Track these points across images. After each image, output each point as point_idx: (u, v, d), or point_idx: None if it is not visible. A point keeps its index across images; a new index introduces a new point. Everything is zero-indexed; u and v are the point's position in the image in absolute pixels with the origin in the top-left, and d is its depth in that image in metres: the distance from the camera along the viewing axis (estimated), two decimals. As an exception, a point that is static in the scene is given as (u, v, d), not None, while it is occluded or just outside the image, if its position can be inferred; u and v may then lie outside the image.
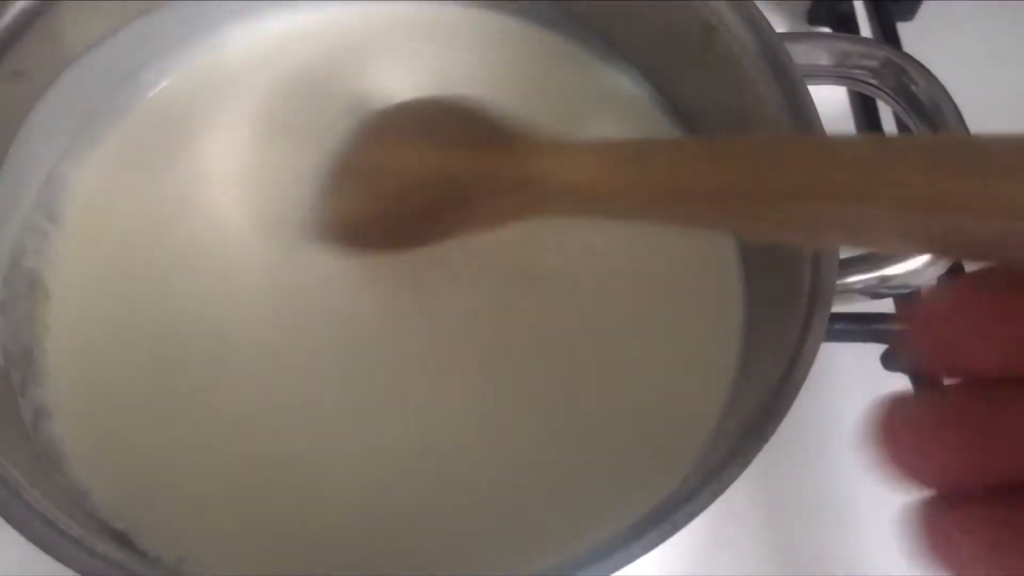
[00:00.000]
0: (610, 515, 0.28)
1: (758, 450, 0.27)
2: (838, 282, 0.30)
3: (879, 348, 0.41)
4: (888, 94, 0.33)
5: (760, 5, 0.47)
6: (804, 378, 0.28)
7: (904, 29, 0.48)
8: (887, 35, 0.48)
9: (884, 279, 0.31)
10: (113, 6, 0.36)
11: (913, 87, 0.33)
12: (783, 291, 0.31)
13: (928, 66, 0.35)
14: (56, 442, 0.33)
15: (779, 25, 0.48)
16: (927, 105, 0.33)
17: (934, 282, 0.32)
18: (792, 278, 0.30)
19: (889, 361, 0.41)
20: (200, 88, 0.39)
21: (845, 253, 0.31)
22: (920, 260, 0.31)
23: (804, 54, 0.34)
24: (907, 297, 0.36)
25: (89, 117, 0.37)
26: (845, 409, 0.40)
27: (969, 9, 0.51)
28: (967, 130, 0.33)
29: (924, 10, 0.50)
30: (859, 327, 0.39)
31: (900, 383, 0.40)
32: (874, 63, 0.33)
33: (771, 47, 0.33)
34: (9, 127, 0.34)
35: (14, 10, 0.33)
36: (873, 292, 0.31)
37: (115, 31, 0.36)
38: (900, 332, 0.27)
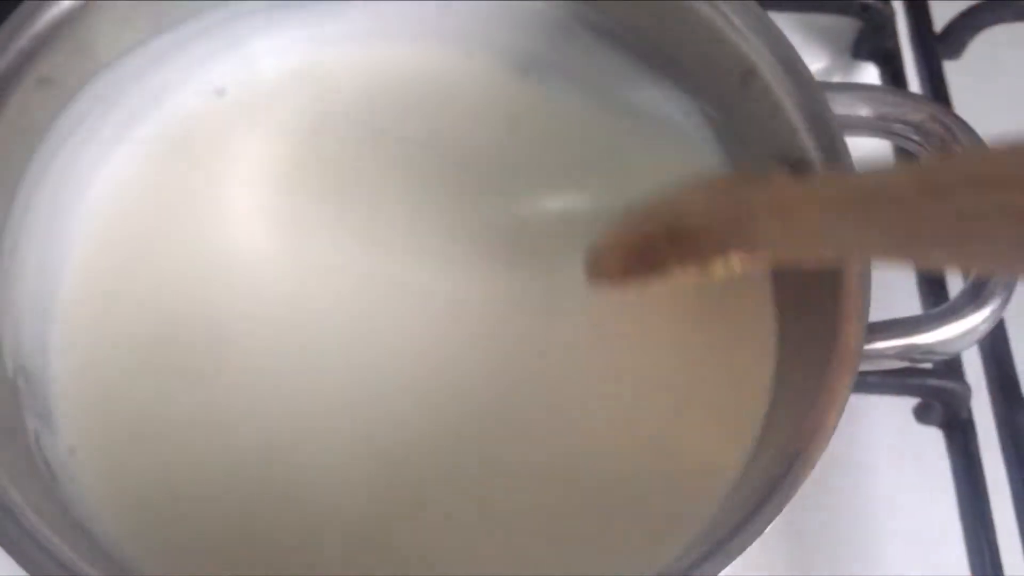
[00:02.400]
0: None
1: (766, 525, 0.26)
2: (867, 347, 0.29)
3: (913, 401, 0.40)
4: (931, 152, 0.32)
5: (804, 39, 0.47)
6: (821, 450, 0.27)
7: (951, 68, 0.47)
8: (932, 73, 0.47)
9: (913, 347, 0.30)
10: (143, 18, 0.35)
11: (957, 147, 0.32)
12: (811, 355, 0.30)
13: (975, 107, 0.34)
14: (60, 459, 0.33)
15: (822, 59, 0.48)
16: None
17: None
18: (822, 342, 0.29)
19: (922, 415, 0.40)
20: (227, 103, 0.39)
21: (875, 317, 0.30)
22: (953, 329, 0.30)
23: (844, 105, 0.33)
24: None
25: (115, 127, 0.37)
26: (876, 461, 0.40)
27: (1019, 48, 0.50)
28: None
29: (972, 48, 0.49)
30: (893, 380, 0.38)
31: (932, 436, 0.40)
32: (917, 119, 0.32)
33: (809, 94, 0.32)
34: (35, 134, 0.34)
35: (45, 18, 0.33)
36: (903, 358, 0.30)
37: (144, 42, 0.36)
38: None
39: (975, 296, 0.30)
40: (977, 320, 0.30)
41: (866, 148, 0.34)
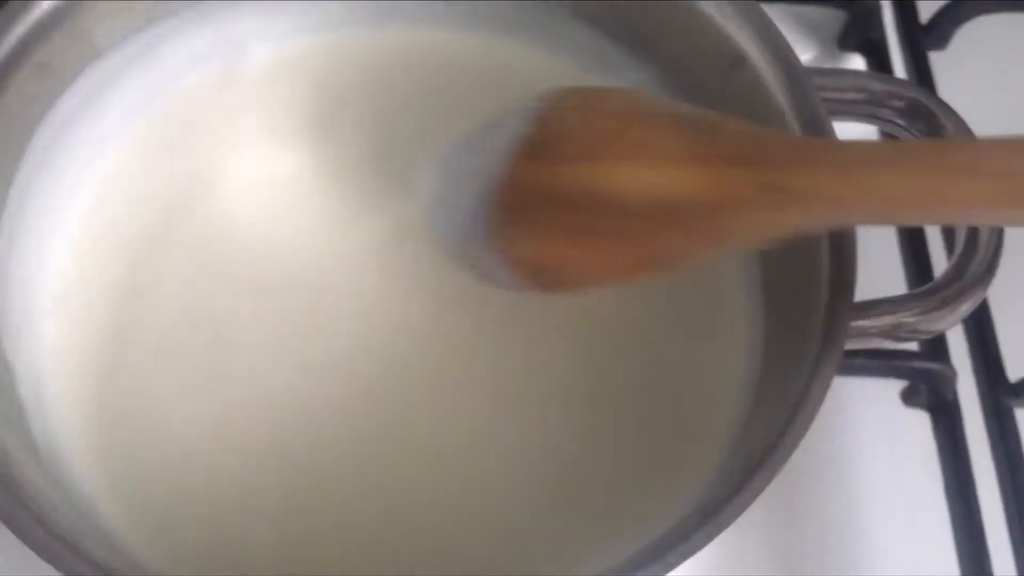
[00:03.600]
0: (603, 550, 0.28)
1: (756, 495, 0.26)
2: (852, 324, 0.30)
3: (900, 384, 0.41)
4: (915, 136, 0.33)
5: (791, 30, 0.47)
6: (809, 423, 0.28)
7: (936, 59, 0.48)
8: (918, 64, 0.47)
9: (900, 325, 0.30)
10: (140, 5, 0.35)
11: (942, 132, 0.32)
12: (798, 331, 0.30)
13: (960, 97, 0.34)
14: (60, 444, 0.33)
15: (809, 50, 0.49)
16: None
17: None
18: (807, 318, 0.30)
19: (910, 398, 0.41)
20: (226, 90, 0.39)
21: (860, 296, 0.30)
22: (937, 308, 0.31)
23: (831, 90, 0.33)
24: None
25: (114, 114, 0.37)
26: (863, 443, 0.41)
27: (1005, 39, 0.50)
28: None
29: (957, 39, 0.49)
30: (880, 363, 0.39)
31: (919, 419, 0.41)
32: (902, 104, 0.33)
33: (797, 81, 0.33)
34: (32, 120, 0.34)
35: (43, 4, 0.33)
36: (889, 336, 0.31)
37: (141, 30, 0.36)
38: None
39: (959, 275, 0.31)
40: (961, 299, 0.31)
41: (853, 133, 0.34)
